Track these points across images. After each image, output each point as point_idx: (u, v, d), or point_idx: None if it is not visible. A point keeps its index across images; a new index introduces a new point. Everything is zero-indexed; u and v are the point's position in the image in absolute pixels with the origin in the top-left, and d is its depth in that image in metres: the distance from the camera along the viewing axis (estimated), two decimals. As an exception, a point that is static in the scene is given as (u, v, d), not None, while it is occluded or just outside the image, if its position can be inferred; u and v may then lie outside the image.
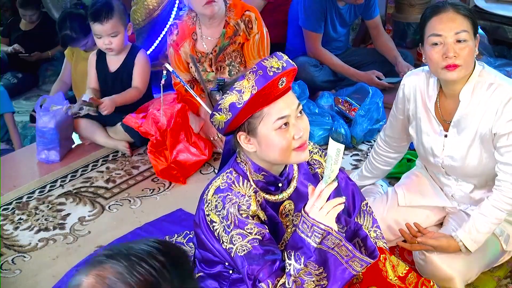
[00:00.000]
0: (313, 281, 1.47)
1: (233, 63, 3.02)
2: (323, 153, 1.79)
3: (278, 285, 1.49)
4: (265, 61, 1.50)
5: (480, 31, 2.28)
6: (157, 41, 3.63)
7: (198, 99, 2.44)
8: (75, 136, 3.30)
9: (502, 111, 1.86)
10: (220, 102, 1.51)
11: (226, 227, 1.54)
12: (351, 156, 3.00)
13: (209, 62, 3.01)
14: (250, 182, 1.60)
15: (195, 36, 3.00)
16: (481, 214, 1.94)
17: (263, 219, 1.59)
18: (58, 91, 3.42)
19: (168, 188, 2.83)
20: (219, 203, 1.56)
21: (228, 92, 1.50)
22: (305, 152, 1.57)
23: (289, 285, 1.47)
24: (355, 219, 1.78)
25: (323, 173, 1.47)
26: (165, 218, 2.56)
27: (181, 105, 2.97)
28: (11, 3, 5.13)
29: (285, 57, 1.54)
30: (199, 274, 1.77)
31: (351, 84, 3.46)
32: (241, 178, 1.60)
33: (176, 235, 2.36)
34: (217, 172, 1.75)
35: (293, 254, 1.48)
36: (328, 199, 1.46)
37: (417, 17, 3.58)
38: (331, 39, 3.56)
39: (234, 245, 1.52)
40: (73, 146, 3.27)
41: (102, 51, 3.12)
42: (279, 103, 1.52)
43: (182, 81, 2.58)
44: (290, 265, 1.48)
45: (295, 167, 1.70)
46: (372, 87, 3.26)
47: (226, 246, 1.55)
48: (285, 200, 1.67)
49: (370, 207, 1.83)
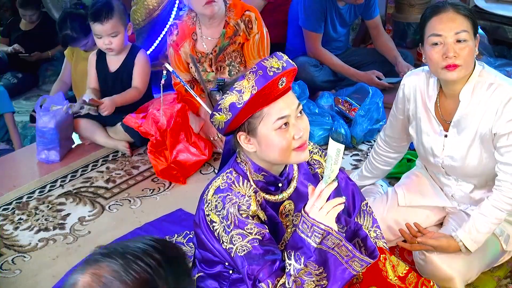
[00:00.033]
0: (313, 281, 1.47)
1: (233, 63, 3.02)
2: (323, 153, 1.79)
3: (278, 285, 1.49)
4: (265, 61, 1.50)
5: (480, 31, 2.28)
6: (157, 41, 3.63)
7: (198, 99, 2.44)
8: (75, 136, 3.30)
9: (502, 111, 1.86)
10: (220, 102, 1.51)
11: (226, 227, 1.54)
12: (351, 156, 3.00)
13: (209, 62, 3.01)
14: (250, 182, 1.60)
15: (195, 36, 2.99)
16: (481, 214, 1.94)
17: (263, 219, 1.59)
18: (58, 91, 3.42)
19: (168, 188, 2.83)
20: (219, 203, 1.56)
21: (228, 92, 1.50)
22: (305, 152, 1.57)
23: (289, 285, 1.47)
24: (355, 219, 1.78)
25: (323, 173, 1.47)
26: (165, 218, 2.56)
27: (181, 105, 2.97)
28: (11, 3, 5.13)
29: (285, 57, 1.54)
30: (199, 274, 1.77)
31: (351, 84, 3.46)
32: (241, 178, 1.60)
33: (176, 235, 2.37)
34: (217, 172, 1.75)
35: (293, 254, 1.48)
36: (328, 199, 1.46)
37: (417, 17, 3.59)
38: (331, 39, 3.56)
39: (234, 245, 1.52)
40: (73, 146, 3.27)
41: (102, 51, 3.12)
42: (279, 103, 1.52)
43: (182, 81, 2.58)
44: (290, 265, 1.48)
45: (295, 167, 1.70)
46: (372, 87, 3.26)
47: (226, 246, 1.55)
48: (285, 200, 1.67)
49: (370, 207, 1.83)
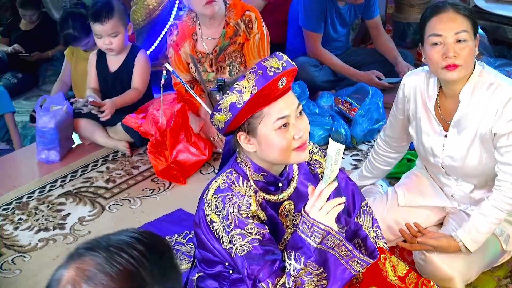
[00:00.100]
0: (313, 281, 1.47)
1: (233, 63, 3.01)
2: (323, 153, 1.79)
3: (278, 285, 1.49)
4: (265, 61, 1.50)
5: (480, 31, 2.28)
6: (157, 41, 3.63)
7: (198, 99, 2.44)
8: (75, 136, 3.30)
9: (502, 111, 1.86)
10: (220, 102, 1.51)
11: (226, 227, 1.54)
12: (351, 156, 3.00)
13: (210, 63, 3.01)
14: (250, 182, 1.60)
15: (195, 37, 2.99)
16: (481, 214, 1.94)
17: (263, 219, 1.59)
18: (58, 91, 3.42)
19: (168, 188, 2.83)
20: (219, 203, 1.56)
21: (228, 92, 1.50)
22: (305, 152, 1.57)
23: (289, 285, 1.47)
24: (355, 219, 1.78)
25: (323, 173, 1.47)
26: (165, 218, 2.56)
27: (181, 105, 2.97)
28: (11, 3, 5.14)
29: (285, 57, 1.54)
30: (199, 274, 1.77)
31: (351, 84, 3.46)
32: (241, 178, 1.60)
33: (176, 235, 2.36)
34: (217, 172, 1.75)
35: (293, 254, 1.48)
36: (328, 199, 1.46)
37: (417, 17, 3.59)
38: (331, 39, 3.56)
39: (234, 245, 1.52)
40: (73, 146, 3.27)
41: (102, 51, 3.12)
42: (279, 103, 1.52)
43: (182, 81, 2.58)
44: (290, 265, 1.48)
45: (295, 167, 1.70)
46: (372, 87, 3.27)
47: (226, 246, 1.55)
48: (285, 200, 1.67)
49: (370, 207, 1.83)
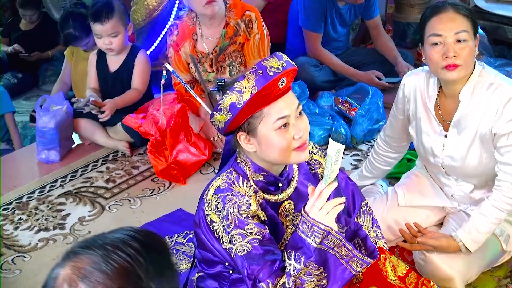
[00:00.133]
0: (313, 281, 1.47)
1: (233, 63, 3.01)
2: (323, 153, 1.79)
3: (278, 285, 1.49)
4: (265, 61, 1.50)
5: (480, 31, 2.28)
6: (157, 41, 3.63)
7: (198, 99, 2.44)
8: (75, 136, 3.30)
9: (502, 111, 1.86)
10: (220, 102, 1.51)
11: (226, 227, 1.54)
12: (351, 156, 3.00)
13: (210, 63, 3.01)
14: (250, 182, 1.60)
15: (195, 37, 2.99)
16: (481, 214, 1.94)
17: (263, 219, 1.59)
18: (58, 91, 3.43)
19: (168, 188, 2.83)
20: (219, 203, 1.56)
21: (228, 92, 1.50)
22: (305, 152, 1.57)
23: (289, 285, 1.47)
24: (355, 219, 1.78)
25: (323, 173, 1.47)
26: (165, 218, 2.56)
27: (181, 105, 2.97)
28: (11, 3, 5.13)
29: (285, 57, 1.54)
30: (199, 274, 1.77)
31: (351, 84, 3.46)
32: (241, 178, 1.60)
33: (176, 235, 2.36)
34: (217, 172, 1.75)
35: (293, 254, 1.48)
36: (328, 199, 1.46)
37: (417, 17, 3.59)
38: (331, 39, 3.56)
39: (234, 245, 1.52)
40: (73, 146, 3.27)
41: (102, 51, 3.12)
42: (279, 103, 1.52)
43: (182, 81, 2.58)
44: (290, 265, 1.48)
45: (295, 167, 1.70)
46: (372, 87, 3.27)
47: (226, 246, 1.55)
48: (285, 200, 1.67)
49: (370, 207, 1.83)
